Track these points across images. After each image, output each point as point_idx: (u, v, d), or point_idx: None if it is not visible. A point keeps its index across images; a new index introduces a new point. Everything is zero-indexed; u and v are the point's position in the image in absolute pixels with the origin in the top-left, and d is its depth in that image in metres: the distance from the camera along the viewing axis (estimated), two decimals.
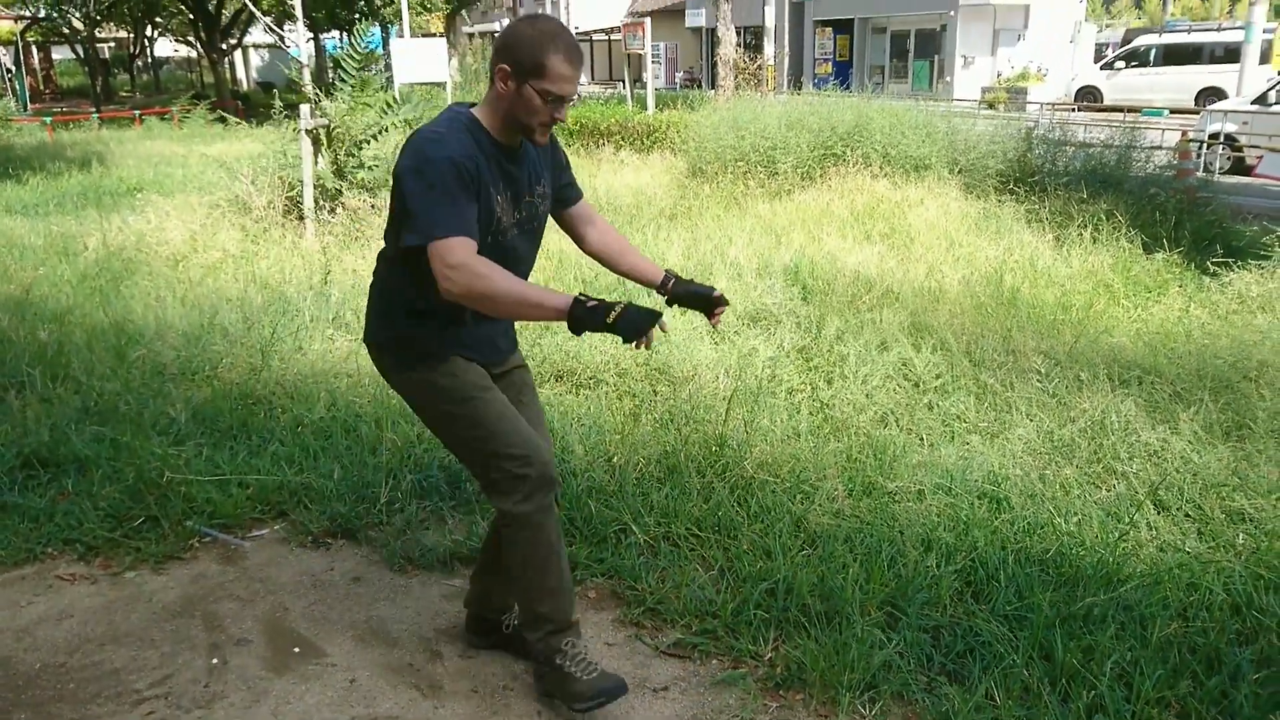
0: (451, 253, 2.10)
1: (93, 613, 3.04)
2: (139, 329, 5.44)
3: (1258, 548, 3.10)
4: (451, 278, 2.10)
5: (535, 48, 2.18)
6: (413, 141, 2.23)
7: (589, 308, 2.10)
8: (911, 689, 2.57)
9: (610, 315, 2.09)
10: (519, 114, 2.24)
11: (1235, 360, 4.67)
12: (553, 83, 2.19)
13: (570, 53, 2.21)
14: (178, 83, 42.94)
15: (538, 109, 2.22)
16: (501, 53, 2.23)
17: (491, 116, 2.28)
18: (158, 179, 12.23)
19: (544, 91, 2.20)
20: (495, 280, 2.12)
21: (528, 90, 2.20)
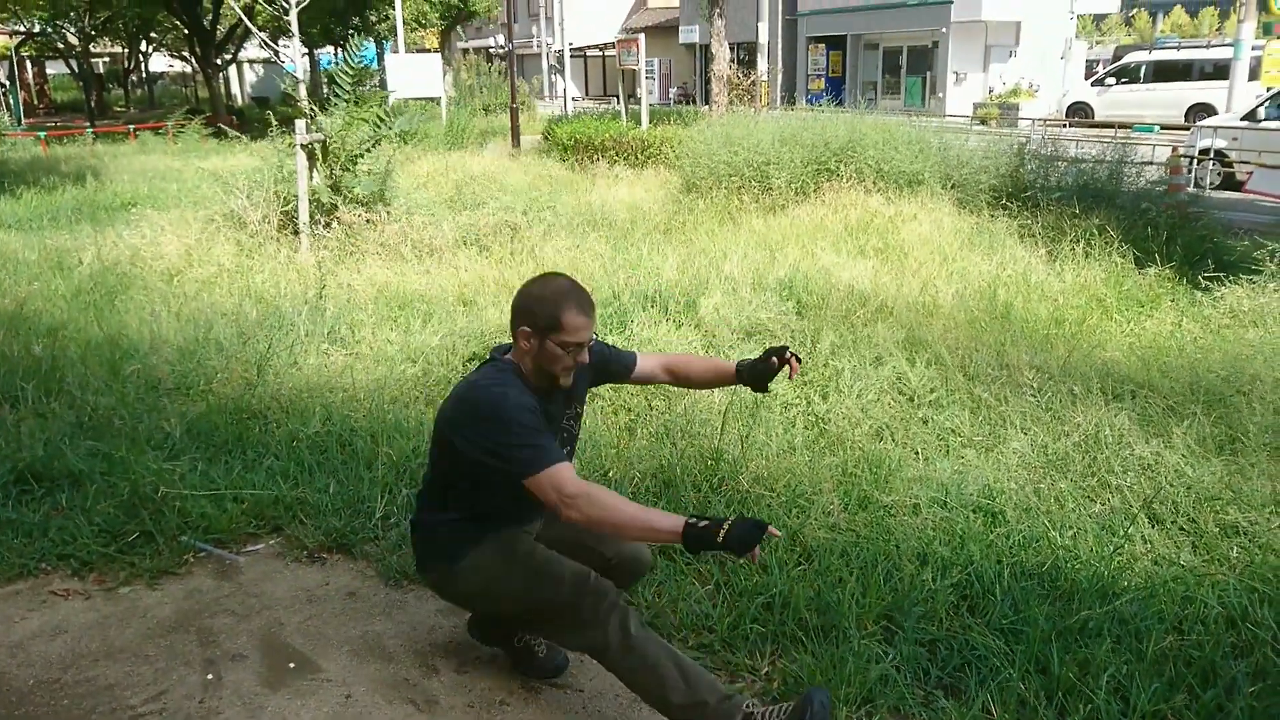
0: (565, 482, 2.26)
1: (87, 628, 3.03)
2: (134, 343, 5.43)
3: (1252, 561, 3.11)
4: (574, 505, 2.24)
5: (550, 307, 2.38)
6: (473, 397, 2.40)
7: (701, 529, 2.17)
8: (908, 702, 2.57)
9: (720, 535, 2.14)
10: (544, 365, 2.43)
11: (1228, 374, 4.70)
12: (571, 334, 2.39)
13: (582, 305, 2.41)
14: (172, 98, 42.98)
15: (560, 358, 2.41)
16: (520, 317, 2.42)
17: (525, 367, 2.47)
18: (152, 194, 12.23)
19: (564, 344, 2.39)
20: (615, 508, 2.26)
21: (549, 345, 2.39)
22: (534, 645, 2.80)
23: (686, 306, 6.12)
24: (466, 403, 2.41)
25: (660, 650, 2.39)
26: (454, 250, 7.90)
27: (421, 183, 11.46)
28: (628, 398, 4.65)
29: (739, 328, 5.69)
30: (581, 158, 15.14)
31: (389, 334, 5.74)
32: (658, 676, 2.35)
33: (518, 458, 2.29)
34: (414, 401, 4.74)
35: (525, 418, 2.32)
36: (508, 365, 2.48)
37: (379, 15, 29.02)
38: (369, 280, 7.00)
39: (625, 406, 4.58)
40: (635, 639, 2.38)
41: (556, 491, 2.25)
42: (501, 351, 2.54)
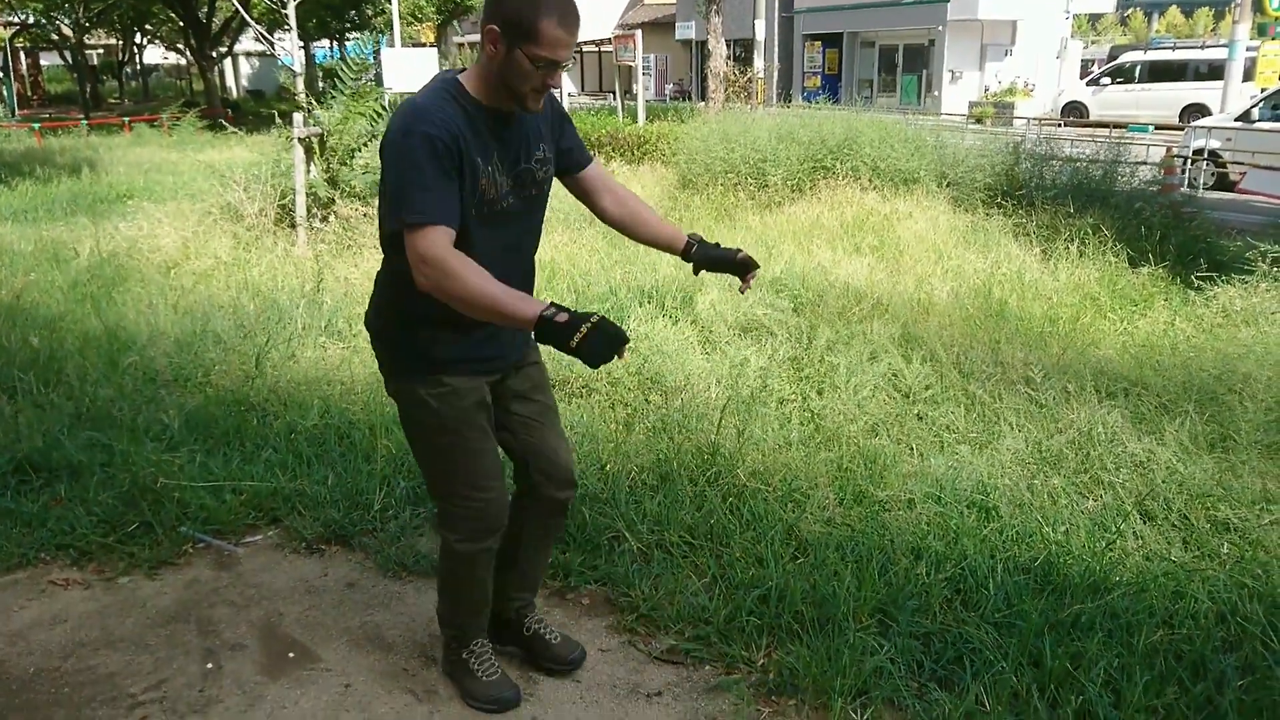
0: (427, 244, 2.01)
1: (86, 618, 3.04)
2: (131, 335, 5.44)
3: (1242, 557, 3.15)
4: (424, 272, 2.02)
5: (528, 8, 2.02)
6: (399, 111, 2.13)
7: (557, 321, 1.98)
8: (903, 695, 2.59)
9: (575, 339, 1.96)
10: (509, 80, 2.09)
11: (1220, 373, 4.73)
12: (546, 48, 2.04)
13: (565, 15, 2.05)
14: (166, 90, 42.87)
15: (529, 74, 2.07)
16: (492, 11, 2.07)
17: (480, 81, 2.14)
18: (148, 186, 12.22)
19: (535, 57, 2.04)
20: (467, 280, 2.01)
21: (518, 55, 2.05)
22: (544, 633, 2.77)
23: (683, 302, 6.14)
24: (393, 119, 2.12)
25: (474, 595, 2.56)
26: None
27: None
28: (624, 393, 4.68)
29: (735, 324, 5.71)
30: None
31: None
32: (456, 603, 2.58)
33: (404, 193, 2.03)
34: None
35: (422, 150, 2.02)
36: (447, 80, 2.15)
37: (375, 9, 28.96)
38: (366, 274, 7.00)
39: (623, 402, 4.60)
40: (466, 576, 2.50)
41: (415, 251, 2.01)
42: (453, 71, 2.21)
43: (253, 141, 12.67)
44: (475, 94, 2.14)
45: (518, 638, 2.79)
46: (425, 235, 2.01)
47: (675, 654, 2.83)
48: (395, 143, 2.07)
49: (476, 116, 2.13)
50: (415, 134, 2.03)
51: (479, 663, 2.62)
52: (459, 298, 2.03)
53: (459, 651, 2.64)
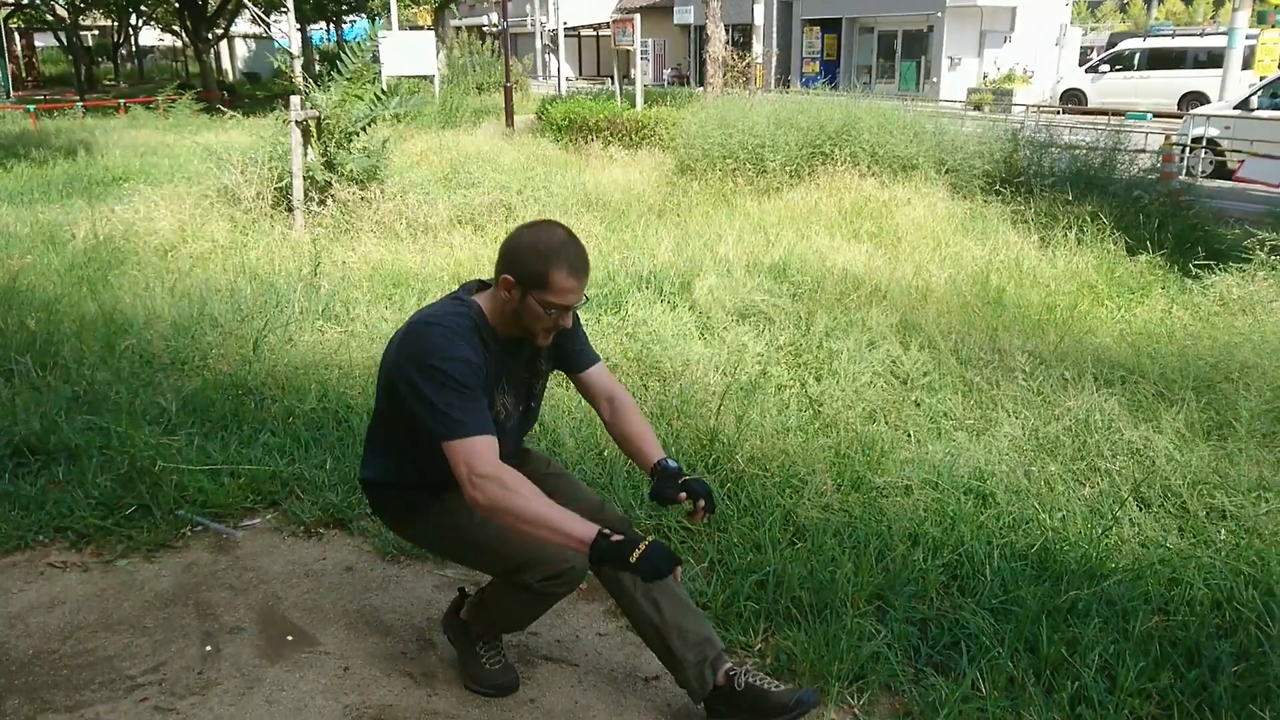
0: (479, 460, 2.08)
1: (85, 600, 3.05)
2: (128, 319, 5.42)
3: (1238, 544, 3.16)
4: (479, 486, 2.07)
5: (540, 261, 2.16)
6: (419, 330, 2.20)
7: (612, 544, 2.05)
8: (899, 679, 2.61)
9: (633, 555, 2.04)
10: (523, 320, 2.23)
11: (1217, 361, 4.74)
12: (557, 295, 2.18)
13: (575, 265, 2.19)
14: (162, 72, 42.59)
15: (541, 317, 2.21)
16: (506, 262, 2.20)
17: (496, 315, 2.26)
18: (145, 168, 12.16)
19: (547, 304, 2.18)
20: (523, 500, 2.08)
21: (531, 301, 2.18)
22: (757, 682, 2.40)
23: (681, 288, 6.13)
24: (412, 337, 2.20)
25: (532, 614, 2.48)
26: (448, 229, 7.90)
27: (415, 161, 11.43)
28: (623, 378, 4.68)
29: (733, 309, 5.71)
30: (575, 138, 15.10)
31: (384, 312, 5.74)
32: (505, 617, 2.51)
33: (444, 413, 2.10)
34: None
35: (465, 374, 2.12)
36: (470, 307, 2.25)
37: None
38: (363, 258, 7.00)
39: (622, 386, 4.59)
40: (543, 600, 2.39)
41: (467, 465, 2.07)
42: (469, 290, 2.32)
43: (249, 124, 12.61)
44: (493, 323, 2.27)
45: (733, 700, 2.38)
46: (475, 450, 2.09)
47: None
48: (430, 362, 2.12)
49: (492, 344, 2.26)
50: (457, 358, 2.13)
51: (488, 651, 2.63)
52: (514, 514, 2.08)
53: (475, 645, 2.64)
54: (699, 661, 2.38)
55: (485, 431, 2.11)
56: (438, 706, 2.57)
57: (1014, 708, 2.46)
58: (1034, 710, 2.44)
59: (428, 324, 2.20)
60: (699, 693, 2.40)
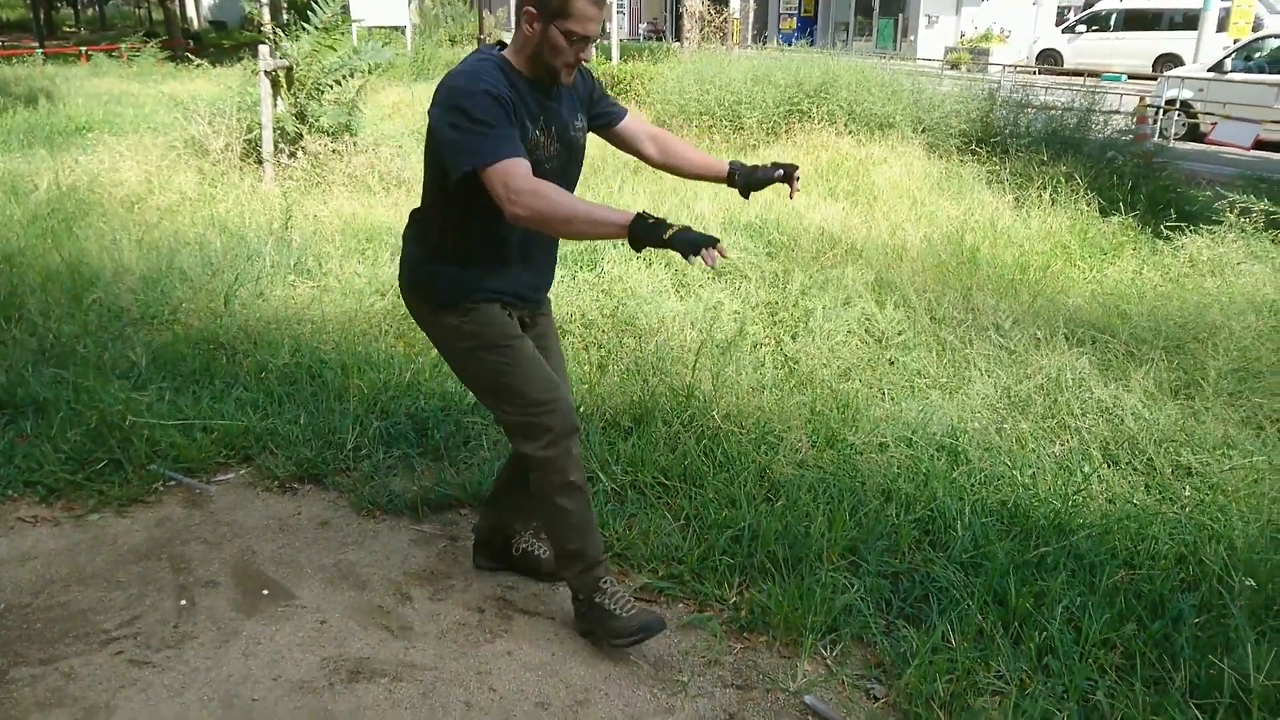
0: (513, 176, 2.15)
1: (57, 554, 3.02)
2: (95, 271, 5.33)
3: (1202, 500, 3.23)
4: (518, 201, 2.14)
5: None
6: (443, 84, 2.28)
7: (649, 224, 2.13)
8: (871, 631, 2.65)
9: (667, 233, 2.12)
10: (545, 55, 2.30)
11: (1185, 321, 4.80)
12: (578, 23, 2.25)
13: None
14: (125, 19, 41.53)
15: (563, 49, 2.28)
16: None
17: (520, 58, 2.34)
18: (108, 118, 11.87)
19: (569, 32, 2.25)
20: (562, 202, 2.17)
21: (553, 31, 2.25)
22: (532, 550, 2.92)
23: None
24: (439, 92, 2.28)
25: (576, 503, 2.53)
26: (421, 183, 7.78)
27: (387, 114, 11.25)
28: (598, 334, 4.67)
29: (709, 267, 5.68)
30: None
31: (357, 266, 5.68)
32: (564, 521, 2.54)
33: (470, 141, 2.18)
34: (383, 334, 4.71)
35: (487, 104, 2.19)
36: (491, 55, 2.35)
37: None
38: (335, 212, 6.90)
39: (597, 343, 4.59)
40: (561, 482, 2.49)
41: (504, 185, 2.15)
42: (492, 47, 2.41)
43: (216, 74, 12.34)
44: (520, 68, 2.34)
45: (506, 559, 2.93)
46: (508, 168, 2.15)
47: (649, 592, 2.87)
48: (454, 105, 2.21)
49: (522, 87, 2.32)
50: (476, 92, 2.20)
51: (614, 602, 2.57)
52: (557, 217, 2.18)
53: (591, 596, 2.58)
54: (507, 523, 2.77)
55: (516, 154, 2.19)
56: (415, 659, 2.58)
57: (983, 658, 2.51)
58: (1002, 660, 2.49)
59: (451, 75, 2.30)
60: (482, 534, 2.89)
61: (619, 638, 2.54)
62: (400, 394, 3.96)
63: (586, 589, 2.60)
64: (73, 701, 2.39)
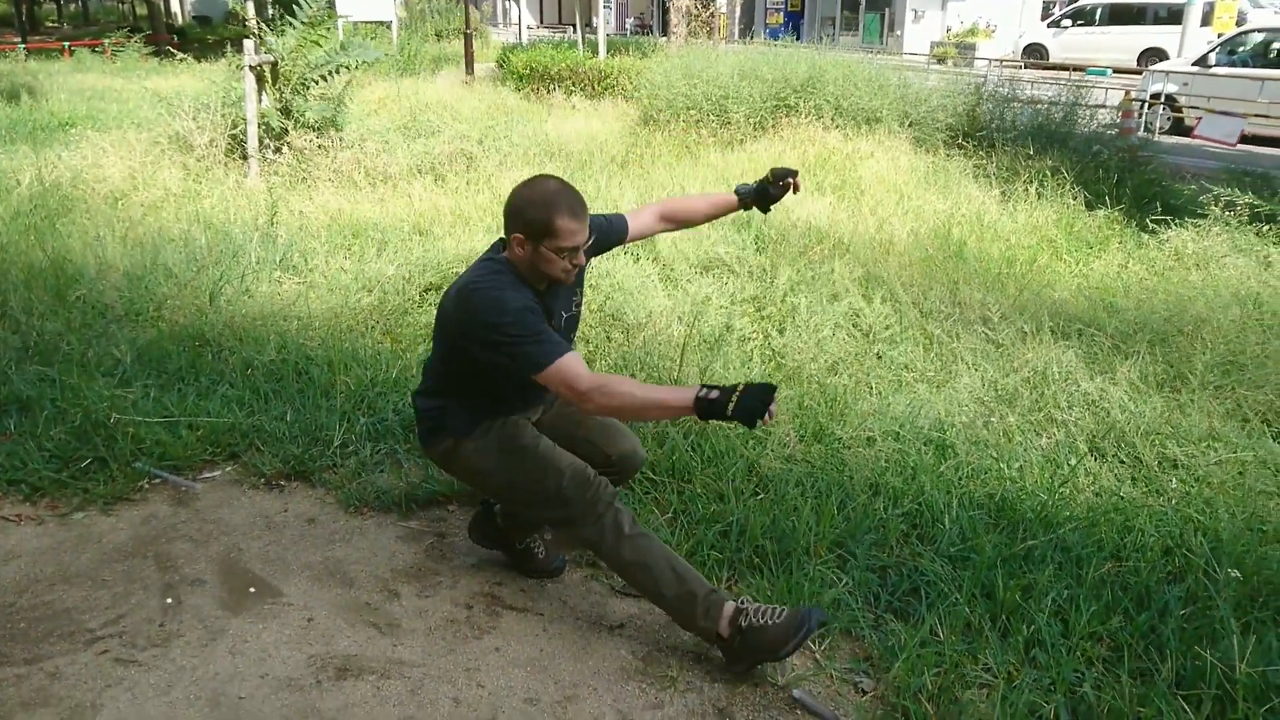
0: (578, 377, 2.29)
1: (41, 553, 3.00)
2: (79, 268, 5.28)
3: (1188, 492, 3.25)
4: (589, 398, 2.28)
5: (541, 212, 2.35)
6: (477, 298, 2.38)
7: (710, 401, 2.22)
8: (860, 625, 2.66)
9: (730, 407, 2.19)
10: (542, 270, 2.43)
11: (1171, 315, 4.83)
12: (564, 239, 2.37)
13: (574, 208, 2.38)
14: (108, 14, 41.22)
15: (556, 262, 2.41)
16: (512, 222, 2.40)
17: (522, 268, 2.46)
18: (91, 114, 11.77)
19: (558, 249, 2.38)
20: (629, 394, 2.30)
21: (543, 250, 2.38)
22: (534, 548, 2.92)
23: (644, 240, 6.08)
24: (467, 305, 2.41)
25: (653, 547, 2.50)
26: (408, 179, 7.76)
27: (374, 109, 11.19)
28: (585, 329, 4.66)
29: (696, 262, 5.69)
30: (537, 87, 14.87)
31: (343, 262, 5.65)
32: (650, 572, 2.48)
33: (524, 354, 2.32)
34: (370, 331, 4.69)
35: (526, 317, 2.34)
36: (503, 264, 2.46)
37: None
38: (321, 208, 6.86)
39: (584, 339, 4.58)
40: (628, 536, 2.48)
41: (570, 387, 2.30)
42: (497, 250, 2.52)
43: (200, 69, 12.25)
44: (524, 274, 2.46)
45: (506, 547, 2.95)
46: (567, 369, 2.30)
47: None
48: (495, 323, 2.34)
49: (533, 290, 2.47)
50: (515, 308, 2.35)
51: (760, 615, 2.41)
52: (625, 409, 2.35)
53: (737, 626, 2.41)
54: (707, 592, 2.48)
55: (567, 351, 2.33)
56: (403, 656, 2.57)
57: (971, 651, 2.52)
58: (990, 653, 2.50)
59: (479, 289, 2.40)
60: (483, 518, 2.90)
61: (782, 647, 2.37)
62: (387, 390, 3.94)
63: (722, 625, 2.42)
64: (58, 701, 2.37)
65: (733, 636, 2.42)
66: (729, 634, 2.43)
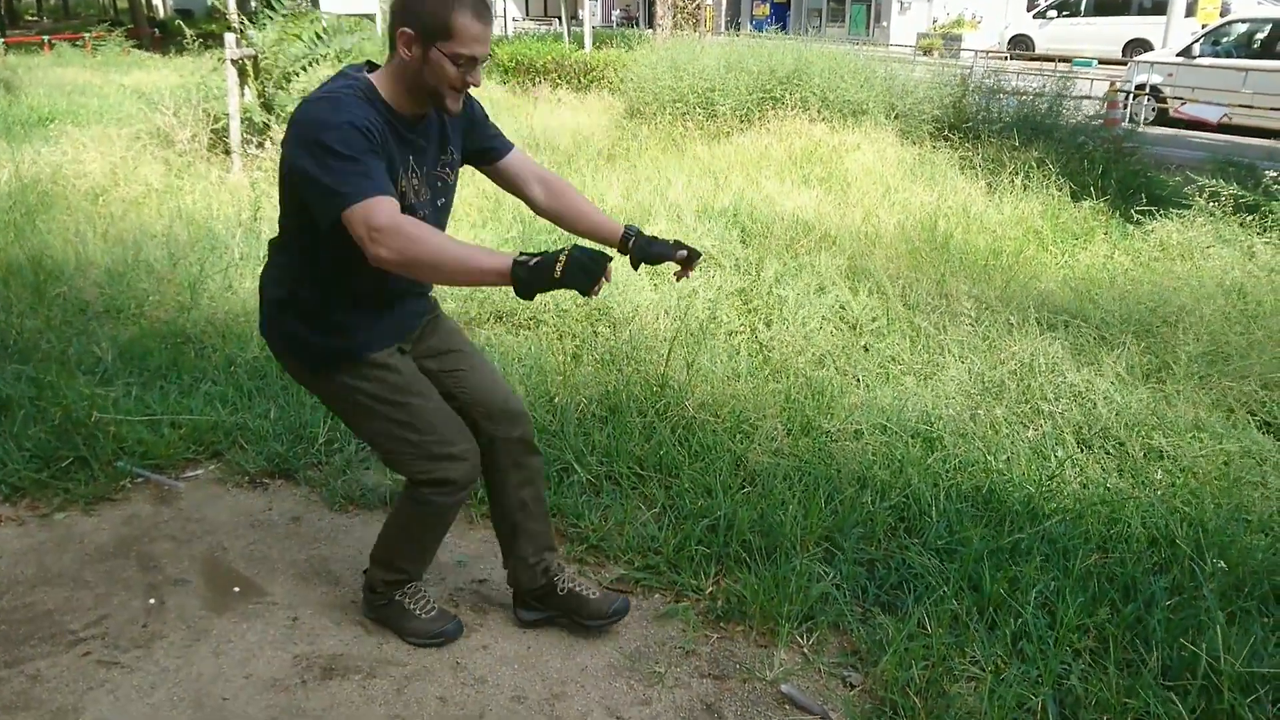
0: (376, 214, 1.87)
1: (22, 554, 2.97)
2: (58, 265, 5.23)
3: (1174, 483, 3.25)
4: (381, 241, 1.87)
5: (440, 6, 1.97)
6: (302, 110, 2.00)
7: (532, 267, 1.88)
8: (847, 619, 2.65)
9: (557, 270, 1.88)
10: (428, 81, 2.04)
11: (1156, 305, 4.84)
12: (463, 44, 2.00)
13: (479, 9, 2.01)
14: (88, 8, 40.84)
15: (448, 74, 2.03)
16: (402, 14, 2.01)
17: (394, 85, 2.07)
18: (72, 109, 11.67)
19: (454, 55, 2.00)
20: (431, 243, 1.91)
21: (435, 54, 2.00)
22: (579, 590, 2.60)
23: None
24: (298, 120, 1.99)
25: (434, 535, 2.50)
26: None
27: None
28: (572, 324, 4.64)
29: None
30: (522, 80, 14.81)
31: None
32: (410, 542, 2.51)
33: (332, 190, 1.89)
34: None
35: (351, 137, 1.92)
36: (357, 81, 2.06)
37: None
38: None
39: (571, 333, 4.57)
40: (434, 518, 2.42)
41: (365, 224, 1.87)
42: (359, 69, 2.13)
43: (181, 64, 12.15)
44: (389, 99, 2.08)
45: (553, 600, 2.61)
46: (374, 207, 1.89)
47: (625, 583, 2.85)
48: (313, 139, 1.93)
49: (391, 120, 2.07)
50: (341, 125, 1.93)
51: (414, 602, 2.58)
52: (424, 261, 1.91)
53: (391, 594, 2.58)
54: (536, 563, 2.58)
55: (383, 192, 1.91)
56: (389, 655, 2.55)
57: (958, 644, 2.52)
58: (977, 646, 2.49)
59: (309, 102, 2.01)
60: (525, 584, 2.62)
61: (414, 636, 2.57)
62: None
63: (390, 587, 2.58)
64: (39, 704, 2.34)
65: (384, 593, 2.58)
66: (381, 589, 2.58)
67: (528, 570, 2.59)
